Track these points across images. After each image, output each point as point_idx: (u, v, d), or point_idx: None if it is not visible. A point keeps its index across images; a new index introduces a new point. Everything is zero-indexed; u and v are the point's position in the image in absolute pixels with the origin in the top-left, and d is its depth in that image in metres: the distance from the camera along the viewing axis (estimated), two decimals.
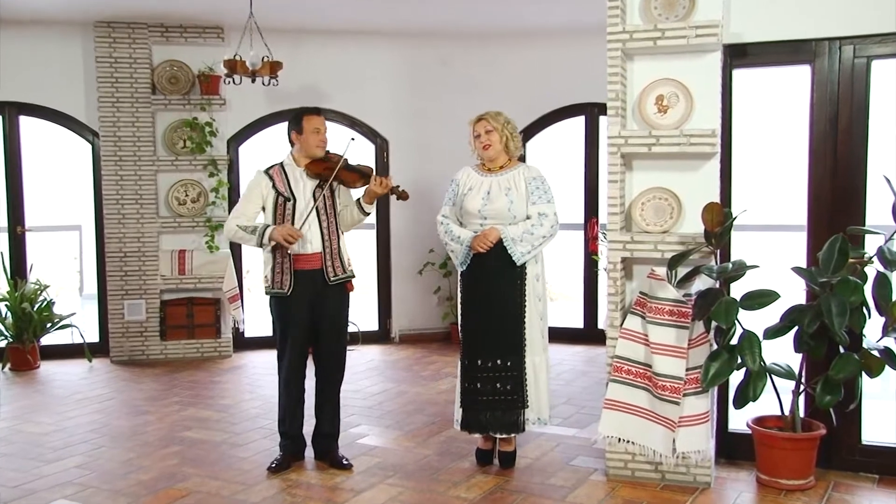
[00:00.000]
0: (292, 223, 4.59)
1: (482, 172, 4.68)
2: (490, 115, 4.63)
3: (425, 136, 8.47)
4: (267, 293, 4.71)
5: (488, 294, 4.56)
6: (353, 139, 4.74)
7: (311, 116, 4.68)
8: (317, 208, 4.61)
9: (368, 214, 4.67)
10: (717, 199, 4.36)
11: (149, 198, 7.70)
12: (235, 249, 8.05)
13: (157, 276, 7.75)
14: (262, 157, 8.43)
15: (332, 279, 4.64)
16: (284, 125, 4.85)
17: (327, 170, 4.61)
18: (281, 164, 4.71)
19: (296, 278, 4.61)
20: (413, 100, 8.50)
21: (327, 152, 4.69)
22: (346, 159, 4.64)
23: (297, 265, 4.61)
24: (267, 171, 4.70)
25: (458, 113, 8.03)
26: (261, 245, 4.61)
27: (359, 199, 4.65)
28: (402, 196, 4.61)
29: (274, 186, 4.64)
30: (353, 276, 4.75)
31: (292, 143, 4.72)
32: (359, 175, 4.62)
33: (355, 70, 8.34)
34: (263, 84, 7.17)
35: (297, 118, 4.68)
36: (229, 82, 7.15)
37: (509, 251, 4.47)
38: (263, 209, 4.69)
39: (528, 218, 4.53)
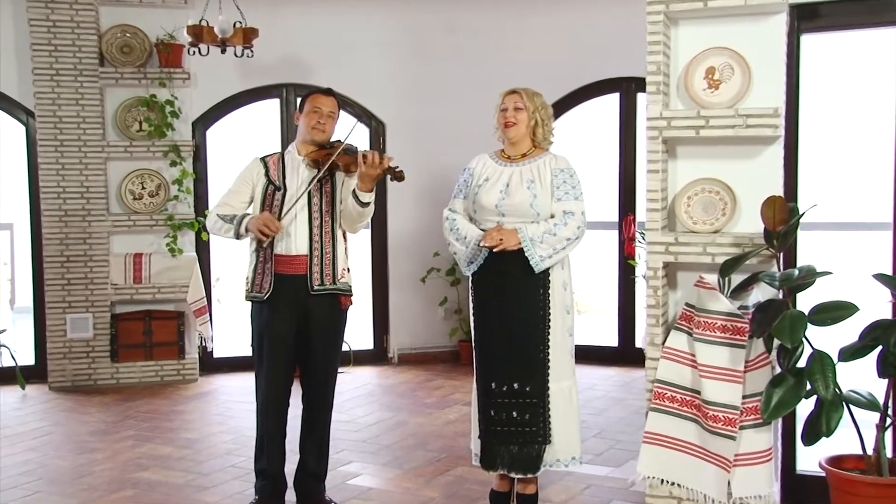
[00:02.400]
0: (279, 218, 4.62)
1: (501, 161, 4.71)
2: (526, 91, 4.67)
3: (429, 119, 8.51)
4: (246, 298, 4.78)
5: (504, 306, 4.57)
6: (357, 122, 4.70)
7: (316, 95, 4.78)
8: (310, 204, 4.64)
9: (368, 205, 4.60)
10: (780, 193, 4.34)
11: (97, 191, 7.71)
12: (202, 253, 8.09)
13: (108, 284, 7.75)
14: (234, 143, 8.51)
15: (315, 288, 4.65)
16: (262, 105, 4.90)
17: (327, 156, 4.65)
18: (282, 153, 4.83)
19: (277, 283, 4.65)
20: (414, 75, 8.52)
21: (335, 141, 4.74)
22: (346, 144, 4.67)
23: (278, 268, 4.65)
24: (263, 158, 4.80)
25: (469, 90, 8.26)
26: (238, 236, 4.65)
27: (354, 189, 4.62)
28: (398, 177, 4.59)
29: (266, 174, 4.72)
30: (347, 291, 4.77)
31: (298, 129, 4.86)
32: (354, 158, 4.62)
33: (346, 39, 8.36)
34: (235, 55, 7.16)
35: (304, 98, 4.81)
36: (194, 53, 7.14)
37: (527, 254, 4.46)
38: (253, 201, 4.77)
39: (551, 217, 4.55)
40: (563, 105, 8.42)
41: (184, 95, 7.92)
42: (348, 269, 4.79)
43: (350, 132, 4.72)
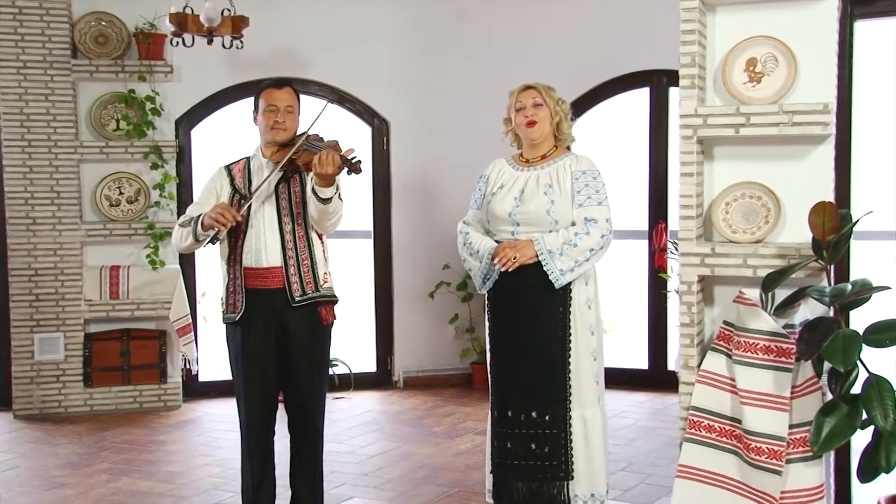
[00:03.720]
0: (245, 229, 4.65)
1: (518, 165, 4.74)
2: (541, 85, 4.71)
3: (437, 116, 8.52)
4: (223, 321, 4.84)
5: (520, 325, 4.59)
6: (329, 101, 4.82)
7: (270, 90, 4.79)
8: (278, 209, 4.67)
9: (329, 201, 4.54)
10: (830, 198, 4.30)
11: (69, 197, 7.70)
12: (187, 266, 8.08)
13: (81, 301, 7.74)
14: (222, 144, 8.49)
15: (296, 299, 4.66)
16: (252, 102, 4.96)
17: (293, 158, 4.67)
18: (248, 158, 4.87)
19: (250, 300, 4.68)
20: (422, 68, 8.53)
21: (301, 134, 4.75)
22: (308, 136, 4.67)
23: (248, 282, 4.67)
24: (228, 166, 4.87)
25: (482, 86, 8.22)
26: (197, 239, 4.66)
27: (313, 186, 4.60)
28: (355, 168, 4.54)
29: (232, 183, 4.79)
30: (333, 299, 4.78)
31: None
32: (314, 153, 4.60)
33: (345, 29, 8.36)
34: (224, 46, 7.17)
35: (257, 94, 4.83)
36: (177, 43, 7.10)
37: (545, 268, 4.48)
38: None
39: (572, 225, 4.56)
40: (587, 102, 8.42)
41: (166, 91, 7.92)
42: (329, 274, 4.80)
43: (317, 116, 4.71)
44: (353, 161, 4.51)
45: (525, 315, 4.56)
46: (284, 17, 8.20)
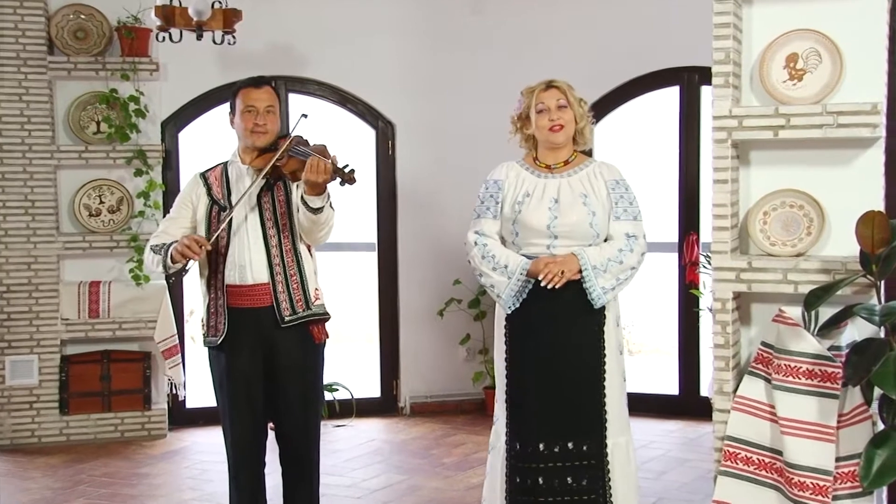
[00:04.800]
0: (227, 243, 4.68)
1: (537, 171, 4.74)
2: (564, 84, 4.71)
3: (447, 118, 8.54)
4: (204, 344, 4.89)
5: (553, 348, 4.59)
6: (304, 115, 4.78)
7: (247, 90, 4.81)
8: (262, 221, 4.69)
9: (320, 211, 4.56)
10: (880, 207, 4.29)
11: (44, 206, 7.70)
12: (174, 281, 7.95)
13: (57, 320, 7.73)
14: (212, 148, 8.51)
15: (286, 319, 4.67)
16: None
17: (276, 164, 4.68)
18: (225, 164, 4.91)
19: (233, 320, 4.70)
20: (430, 65, 8.55)
21: (284, 136, 4.77)
22: (292, 139, 4.68)
23: (232, 301, 4.69)
24: (204, 174, 4.91)
25: (497, 85, 8.17)
26: (167, 270, 4.69)
27: (302, 195, 4.61)
28: (348, 179, 4.56)
29: (209, 192, 4.83)
30: (325, 316, 4.80)
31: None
32: (302, 163, 4.60)
33: (347, 22, 8.38)
34: (214, 42, 7.18)
35: (233, 95, 4.87)
36: (164, 39, 7.15)
37: (587, 285, 4.51)
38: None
39: (606, 239, 4.61)
40: (611, 102, 8.45)
41: (151, 90, 7.92)
42: (320, 289, 4.82)
43: (295, 126, 4.72)
44: (347, 170, 4.52)
45: (560, 336, 4.57)
46: (280, 10, 8.21)
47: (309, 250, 4.81)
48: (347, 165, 4.54)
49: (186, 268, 4.63)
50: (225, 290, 4.68)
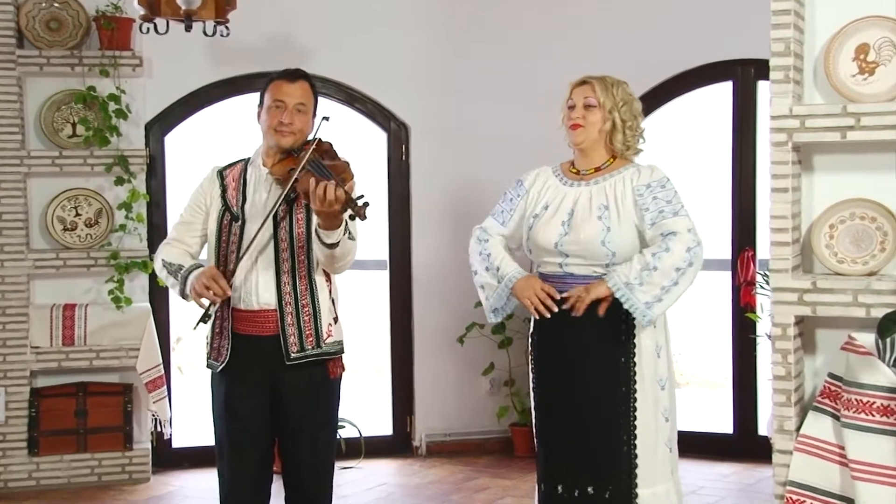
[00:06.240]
0: (237, 257, 4.66)
1: (567, 178, 4.78)
2: (603, 81, 4.76)
3: (468, 119, 8.53)
4: (206, 366, 4.94)
5: (570, 377, 4.64)
6: (326, 118, 4.82)
7: (279, 83, 4.83)
8: (276, 238, 4.70)
9: (336, 246, 4.54)
10: None
11: (13, 219, 7.66)
12: (159, 303, 8.09)
13: (26, 348, 7.68)
14: (203, 153, 8.63)
15: (292, 356, 4.65)
16: (240, 101, 5.32)
17: (290, 175, 4.64)
18: (246, 162, 4.96)
19: (237, 346, 4.74)
20: (449, 60, 8.56)
21: (310, 141, 4.74)
22: (318, 145, 4.67)
23: (237, 326, 4.75)
24: (221, 171, 4.95)
25: (522, 82, 8.32)
26: (186, 298, 4.73)
27: (316, 227, 4.62)
28: (359, 213, 4.52)
29: (223, 194, 4.85)
30: (337, 354, 4.80)
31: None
32: (316, 181, 4.55)
33: (355, 12, 8.40)
34: (205, 34, 7.14)
35: (264, 87, 4.91)
36: (148, 30, 7.11)
37: (627, 305, 4.50)
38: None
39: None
40: (654, 99, 8.39)
41: (134, 88, 7.93)
42: (335, 320, 4.81)
43: (316, 130, 4.74)
44: (360, 203, 4.46)
45: (580, 368, 4.62)
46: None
47: (327, 278, 4.83)
48: (362, 197, 4.49)
49: (209, 313, 4.67)
50: (231, 313, 4.72)
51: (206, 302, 4.58)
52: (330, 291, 4.83)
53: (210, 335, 4.84)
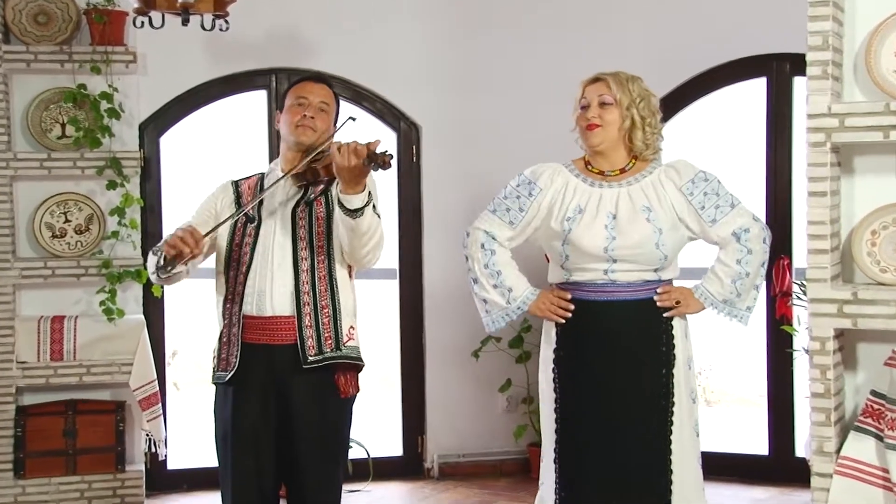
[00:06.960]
0: (249, 263, 4.76)
1: (592, 179, 4.76)
2: (617, 77, 4.77)
3: (483, 119, 8.53)
4: (212, 380, 4.97)
5: (616, 394, 4.64)
6: (352, 118, 4.91)
7: (303, 83, 5.00)
8: (294, 238, 4.75)
9: (360, 213, 4.51)
10: None
11: None
12: (153, 316, 8.07)
13: (12, 363, 7.63)
14: (201, 155, 8.59)
15: (310, 359, 4.69)
16: (241, 100, 5.31)
17: (313, 164, 4.72)
18: (262, 174, 5.09)
19: (246, 357, 4.75)
20: (462, 56, 8.55)
21: (330, 137, 4.84)
22: (336, 136, 4.77)
23: (247, 335, 4.77)
24: (236, 182, 5.07)
25: (543, 78, 8.34)
26: (160, 269, 4.69)
27: (338, 195, 4.62)
28: (383, 163, 4.53)
29: (237, 202, 4.96)
30: (357, 360, 4.81)
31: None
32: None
33: (361, 4, 8.41)
34: (203, 28, 7.11)
35: (286, 91, 5.08)
36: (143, 24, 7.06)
37: (732, 319, 4.72)
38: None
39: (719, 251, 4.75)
40: (681, 97, 8.45)
41: (128, 86, 7.90)
42: (355, 329, 4.83)
43: (340, 127, 4.87)
44: (381, 153, 4.48)
45: (620, 381, 4.64)
46: None
47: (350, 276, 4.87)
48: (385, 150, 4.52)
49: (174, 266, 4.60)
50: (241, 320, 4.75)
51: (174, 253, 4.57)
52: (352, 295, 4.88)
53: (217, 346, 4.87)
